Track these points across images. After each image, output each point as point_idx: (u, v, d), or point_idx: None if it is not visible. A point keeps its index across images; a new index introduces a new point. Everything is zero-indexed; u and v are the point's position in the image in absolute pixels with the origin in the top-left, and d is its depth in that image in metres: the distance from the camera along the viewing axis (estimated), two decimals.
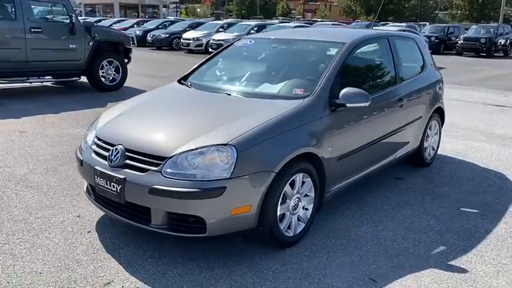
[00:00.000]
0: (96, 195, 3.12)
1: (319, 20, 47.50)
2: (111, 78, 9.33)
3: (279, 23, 28.23)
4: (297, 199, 3.09)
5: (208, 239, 2.78)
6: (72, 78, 9.06)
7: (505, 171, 4.90)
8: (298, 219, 3.18)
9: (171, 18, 35.06)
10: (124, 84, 9.53)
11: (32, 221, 3.39)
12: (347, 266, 2.91)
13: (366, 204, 3.90)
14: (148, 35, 22.11)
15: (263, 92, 3.51)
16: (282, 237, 3.02)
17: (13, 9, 7.85)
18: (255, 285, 2.68)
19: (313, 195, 3.22)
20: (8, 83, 8.11)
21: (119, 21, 27.49)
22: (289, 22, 29.74)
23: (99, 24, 22.52)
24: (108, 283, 2.64)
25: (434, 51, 22.82)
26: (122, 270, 2.78)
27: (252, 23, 21.99)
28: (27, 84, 8.62)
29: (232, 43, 4.44)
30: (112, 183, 2.84)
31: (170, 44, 21.77)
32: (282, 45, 4.18)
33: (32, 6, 8.20)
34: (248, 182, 2.72)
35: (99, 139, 3.14)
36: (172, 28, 23.25)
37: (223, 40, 18.43)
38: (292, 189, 3.03)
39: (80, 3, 39.83)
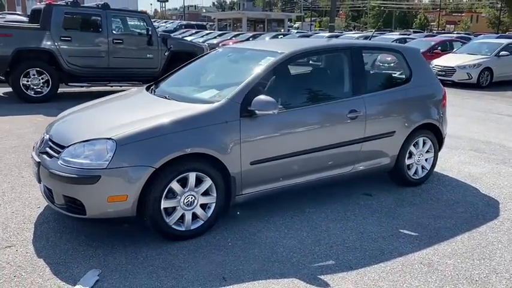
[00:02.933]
0: None
1: (455, 32, 44.25)
2: None
3: (399, 34, 27.33)
4: (191, 196, 3.29)
5: (92, 221, 3.18)
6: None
7: (505, 201, 4.34)
8: (196, 216, 3.37)
9: (294, 31, 36.05)
10: None
11: (8, 195, 4.13)
12: (214, 264, 3.03)
13: (302, 213, 3.87)
14: None
15: (194, 97, 3.78)
16: (169, 230, 3.25)
17: (100, 23, 9.21)
18: (118, 267, 2.98)
19: (215, 195, 3.38)
20: (91, 86, 9.48)
21: (238, 34, 29.29)
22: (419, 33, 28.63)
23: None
24: (9, 246, 3.19)
25: None
26: (29, 239, 3.31)
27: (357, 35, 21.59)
28: (109, 88, 9.95)
29: (209, 52, 4.75)
30: (34, 166, 3.41)
31: None
32: (234, 54, 4.37)
33: (116, 20, 9.51)
34: (125, 173, 3.04)
35: (47, 131, 3.75)
36: None
37: None
38: (184, 186, 3.25)
39: (214, 18, 43.28)
